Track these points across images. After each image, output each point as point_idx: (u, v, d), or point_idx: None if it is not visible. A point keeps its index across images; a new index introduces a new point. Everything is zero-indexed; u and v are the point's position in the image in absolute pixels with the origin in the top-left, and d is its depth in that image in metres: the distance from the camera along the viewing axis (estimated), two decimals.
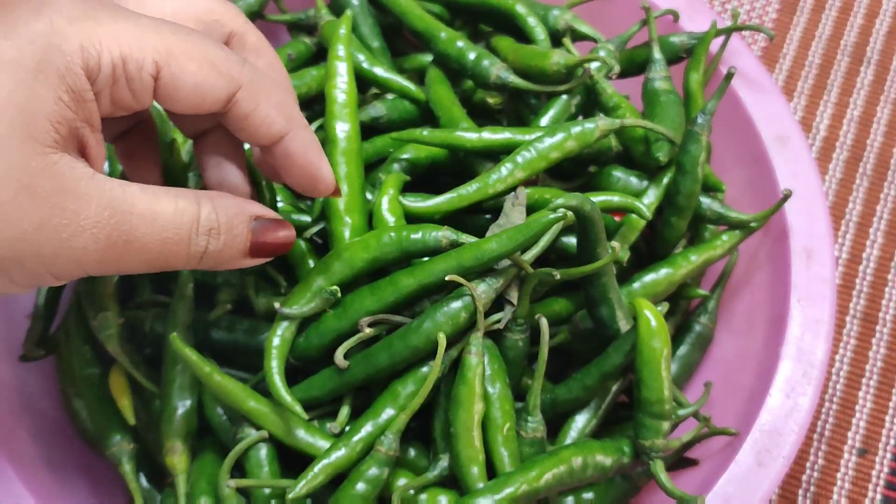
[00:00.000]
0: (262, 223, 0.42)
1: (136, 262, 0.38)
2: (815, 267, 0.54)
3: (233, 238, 0.40)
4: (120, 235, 0.36)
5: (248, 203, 0.42)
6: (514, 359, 0.48)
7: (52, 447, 0.53)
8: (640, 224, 0.54)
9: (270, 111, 0.41)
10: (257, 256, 0.42)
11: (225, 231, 0.40)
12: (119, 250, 0.37)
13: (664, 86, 0.57)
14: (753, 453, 0.49)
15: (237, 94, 0.40)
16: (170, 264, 0.39)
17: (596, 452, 0.47)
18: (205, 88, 0.39)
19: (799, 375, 0.50)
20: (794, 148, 0.57)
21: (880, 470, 0.63)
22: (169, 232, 0.38)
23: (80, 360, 0.54)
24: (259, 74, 0.41)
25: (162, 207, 0.38)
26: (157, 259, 0.38)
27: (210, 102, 0.39)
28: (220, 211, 0.40)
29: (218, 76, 0.39)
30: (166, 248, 0.38)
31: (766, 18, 0.79)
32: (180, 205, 0.38)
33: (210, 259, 0.40)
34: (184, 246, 0.39)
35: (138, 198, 0.37)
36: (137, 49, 0.37)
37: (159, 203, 0.38)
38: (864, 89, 0.76)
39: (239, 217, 0.41)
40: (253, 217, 0.41)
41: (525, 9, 0.58)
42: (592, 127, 0.51)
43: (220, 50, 0.40)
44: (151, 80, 0.38)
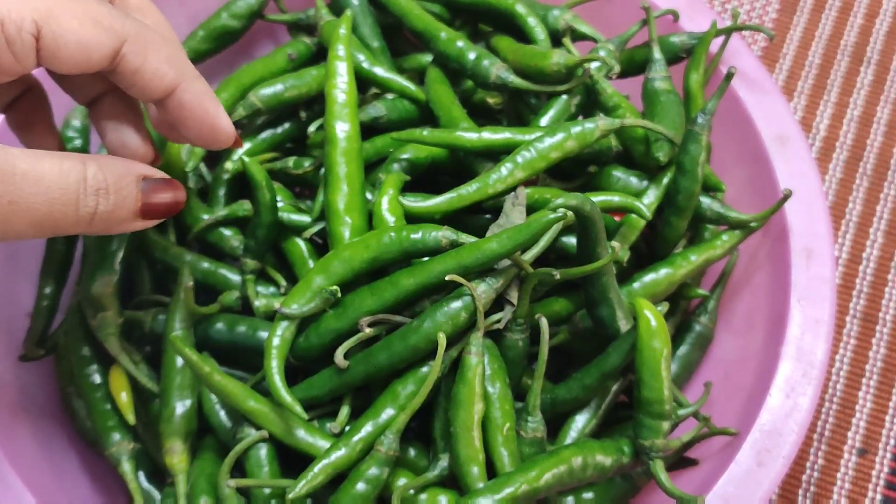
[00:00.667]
0: (151, 183, 0.41)
1: (23, 224, 0.37)
2: (815, 267, 0.54)
3: (122, 198, 0.40)
4: (3, 196, 0.36)
5: (135, 163, 0.41)
6: (514, 359, 0.48)
7: (52, 447, 0.53)
8: (639, 224, 0.54)
9: (160, 64, 0.41)
10: (148, 217, 0.41)
11: (114, 191, 0.39)
12: (3, 211, 0.36)
13: (664, 86, 0.57)
14: (753, 453, 0.49)
15: (123, 48, 0.39)
16: (60, 227, 0.38)
17: (596, 452, 0.47)
18: (89, 45, 0.38)
19: (799, 375, 0.50)
20: (795, 148, 0.57)
21: (880, 470, 0.63)
22: (55, 192, 0.37)
23: (79, 359, 0.54)
24: (145, 28, 0.41)
25: (46, 168, 0.37)
26: (46, 221, 0.37)
27: (96, 59, 0.39)
28: (107, 171, 0.39)
29: (101, 31, 0.39)
30: (54, 209, 0.37)
31: (766, 18, 0.79)
32: (65, 165, 0.38)
33: (101, 221, 0.39)
34: (72, 207, 0.38)
35: (20, 159, 0.37)
36: (15, 10, 0.37)
37: (43, 164, 0.37)
38: (864, 89, 0.76)
39: (127, 177, 0.40)
40: (140, 177, 0.41)
41: (525, 9, 0.58)
42: (592, 127, 0.51)
43: (102, 5, 0.39)
44: (33, 41, 0.37)
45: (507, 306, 0.48)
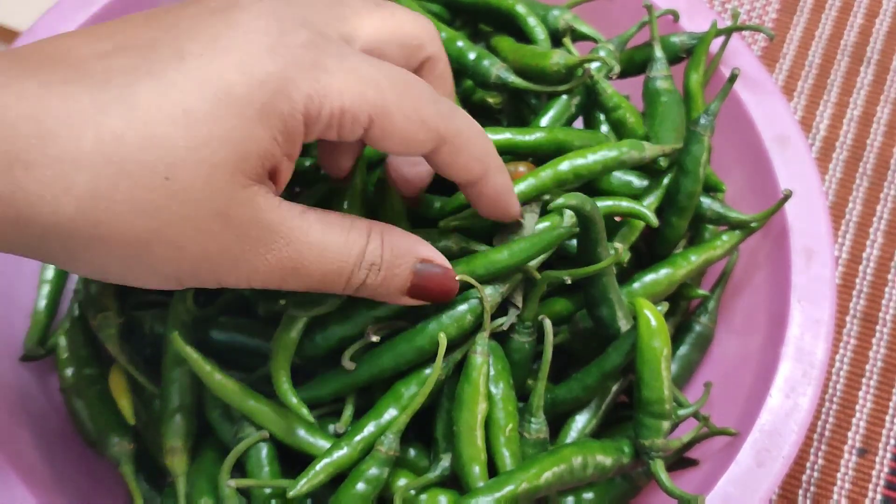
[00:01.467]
0: (427, 267, 0.42)
1: (295, 285, 0.39)
2: (816, 267, 0.54)
3: (392, 277, 0.41)
4: (289, 262, 0.38)
5: (420, 244, 0.42)
6: (520, 361, 0.49)
7: (52, 447, 0.53)
8: (639, 224, 0.54)
9: (469, 161, 0.42)
10: (416, 298, 0.43)
11: (386, 268, 0.41)
12: (283, 275, 0.38)
13: (665, 85, 0.57)
14: (753, 453, 0.49)
15: (441, 148, 0.41)
16: (328, 289, 0.40)
17: (596, 452, 0.47)
18: (411, 143, 0.40)
19: (799, 375, 0.51)
20: (794, 148, 0.57)
21: (880, 470, 0.63)
22: (334, 265, 0.39)
23: (80, 359, 0.54)
24: (464, 128, 0.42)
25: (332, 239, 0.39)
26: (316, 285, 0.39)
27: (413, 152, 0.41)
28: (387, 248, 0.41)
29: (426, 132, 0.40)
30: (327, 277, 0.39)
31: (766, 18, 0.79)
32: (351, 237, 0.39)
33: (366, 290, 0.41)
34: (344, 277, 0.40)
35: (313, 227, 0.38)
36: (358, 104, 0.38)
37: (331, 234, 0.39)
38: (864, 89, 0.76)
39: (404, 257, 0.41)
40: (419, 259, 0.42)
41: (525, 9, 0.58)
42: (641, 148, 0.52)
43: (432, 103, 0.40)
44: (362, 131, 0.39)
45: (512, 309, 0.48)
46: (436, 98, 0.41)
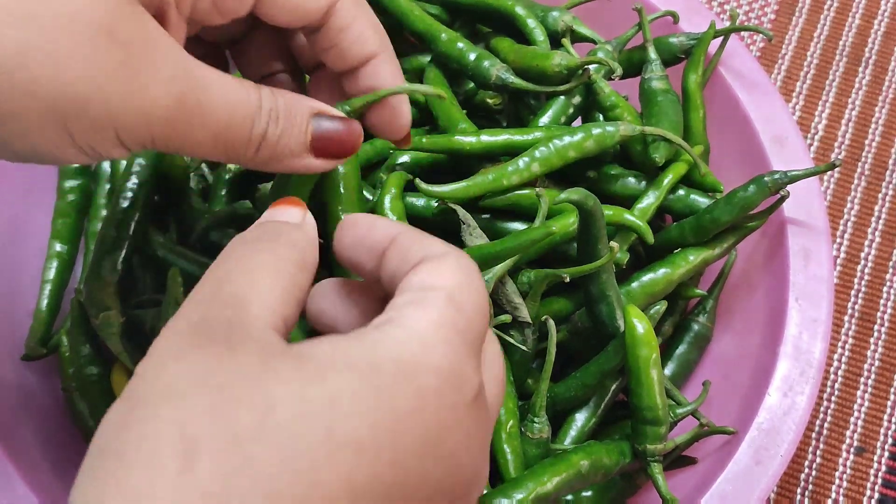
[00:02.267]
0: (325, 119, 0.39)
1: (203, 131, 0.35)
2: (813, 267, 0.54)
3: (291, 126, 0.38)
4: (192, 93, 0.34)
5: (309, 99, 0.39)
6: (521, 360, 0.49)
7: (54, 447, 0.54)
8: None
9: (366, 29, 0.39)
10: (321, 156, 0.39)
11: (284, 118, 0.38)
12: (189, 111, 0.34)
13: (661, 85, 0.57)
14: (751, 452, 0.49)
15: (338, 4, 0.38)
16: (233, 145, 0.37)
17: (602, 455, 0.47)
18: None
19: (797, 374, 0.51)
20: (793, 148, 0.57)
21: (878, 468, 0.63)
22: (236, 102, 0.36)
23: (81, 359, 0.54)
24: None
25: (228, 80, 0.36)
26: (224, 133, 0.36)
27: (313, 8, 0.38)
28: (278, 96, 0.38)
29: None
30: (233, 120, 0.36)
31: (764, 19, 0.79)
32: (244, 84, 0.37)
33: (268, 147, 0.38)
34: (248, 122, 0.37)
35: (208, 68, 0.36)
36: None
37: (225, 77, 0.36)
38: (861, 90, 0.76)
39: (298, 106, 0.38)
40: (314, 111, 0.39)
41: (524, 10, 0.58)
42: (613, 130, 0.52)
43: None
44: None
45: (510, 308, 0.48)
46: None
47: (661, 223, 0.59)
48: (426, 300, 0.31)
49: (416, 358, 0.29)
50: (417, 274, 0.32)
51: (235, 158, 0.37)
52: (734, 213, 0.52)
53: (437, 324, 0.30)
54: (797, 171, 0.52)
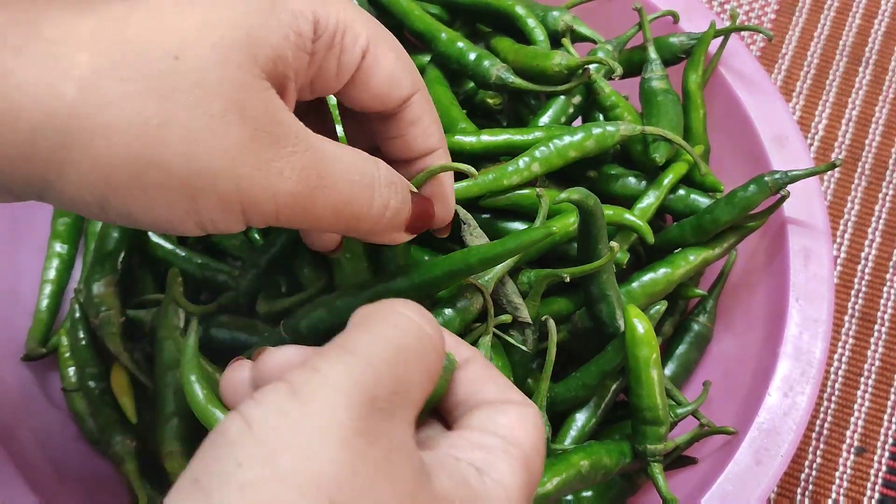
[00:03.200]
0: (417, 195, 0.41)
1: (326, 206, 0.36)
2: (814, 266, 0.54)
3: (403, 200, 0.39)
4: (314, 168, 0.35)
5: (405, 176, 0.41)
6: (521, 360, 0.49)
7: (54, 447, 0.54)
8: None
9: (432, 123, 0.41)
10: (411, 230, 0.40)
11: (401, 189, 0.39)
12: (312, 185, 0.35)
13: (661, 85, 0.57)
14: (752, 452, 0.49)
15: (414, 97, 0.40)
16: (356, 218, 0.37)
17: (602, 456, 0.47)
18: (396, 81, 0.39)
19: (797, 374, 0.51)
20: (793, 148, 0.57)
21: (878, 469, 0.63)
22: (356, 174, 0.37)
23: (81, 359, 0.54)
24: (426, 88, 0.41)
25: (347, 151, 0.37)
26: (346, 207, 0.36)
27: (395, 96, 0.39)
28: (392, 170, 0.39)
29: (407, 73, 0.39)
30: (354, 192, 0.36)
31: (764, 19, 0.79)
32: (360, 153, 0.38)
33: (389, 217, 0.38)
34: (369, 193, 0.37)
35: (326, 139, 0.36)
36: (357, 23, 0.37)
37: (342, 148, 0.37)
38: (862, 90, 0.76)
39: (403, 182, 0.39)
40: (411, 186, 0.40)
41: (525, 10, 0.58)
42: (613, 130, 0.52)
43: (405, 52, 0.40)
44: (360, 56, 0.37)
45: (510, 308, 0.48)
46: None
47: (661, 223, 0.59)
48: (512, 456, 0.32)
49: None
50: (505, 415, 0.33)
51: (354, 231, 0.38)
52: (734, 212, 0.52)
53: (521, 486, 0.32)
54: (797, 171, 0.52)
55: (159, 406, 0.50)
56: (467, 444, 0.32)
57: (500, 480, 0.31)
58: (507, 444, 0.32)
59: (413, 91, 0.40)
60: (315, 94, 0.39)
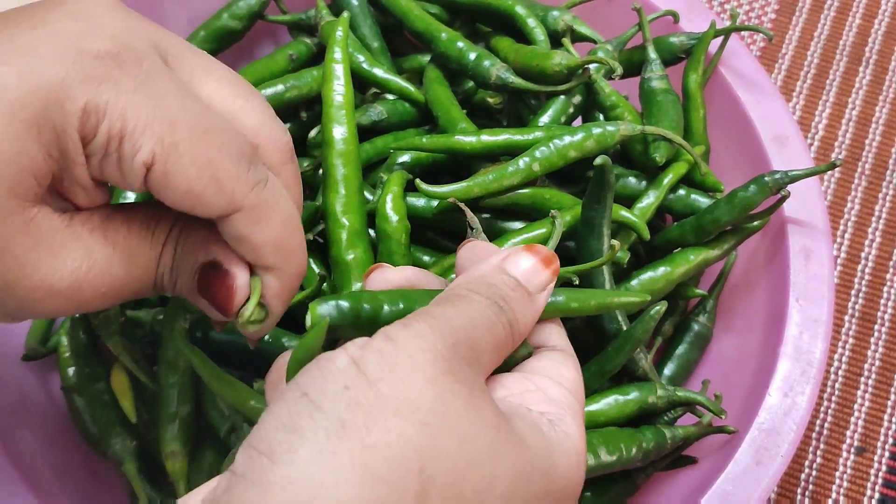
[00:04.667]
0: (211, 269, 0.38)
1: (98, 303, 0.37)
2: (814, 266, 0.54)
3: (181, 273, 0.38)
4: (88, 283, 0.35)
5: (214, 243, 0.38)
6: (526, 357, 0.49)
7: (54, 447, 0.54)
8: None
9: (265, 245, 0.37)
10: (207, 303, 0.38)
11: (177, 265, 0.38)
12: (82, 297, 0.36)
13: (661, 85, 0.57)
14: (752, 452, 0.49)
15: (232, 216, 0.36)
16: (140, 295, 0.38)
17: (620, 440, 0.47)
18: (197, 199, 0.35)
19: (797, 374, 0.51)
20: (793, 148, 0.57)
21: (878, 468, 0.63)
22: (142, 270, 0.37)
23: (81, 358, 0.54)
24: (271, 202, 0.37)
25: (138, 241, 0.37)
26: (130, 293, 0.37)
27: (200, 213, 0.36)
28: (180, 244, 0.38)
29: (216, 192, 0.35)
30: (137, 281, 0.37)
31: (764, 19, 0.79)
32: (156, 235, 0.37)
33: (168, 290, 0.39)
34: (152, 276, 0.38)
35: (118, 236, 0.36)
36: (139, 131, 0.33)
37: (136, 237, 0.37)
38: (862, 89, 0.76)
39: (192, 254, 0.38)
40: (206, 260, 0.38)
41: (525, 10, 0.58)
42: (613, 130, 0.52)
43: (234, 164, 0.35)
44: (143, 169, 0.34)
45: None
46: (251, 161, 0.36)
47: (661, 223, 0.59)
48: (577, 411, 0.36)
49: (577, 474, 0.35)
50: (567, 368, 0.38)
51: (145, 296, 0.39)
52: (735, 213, 0.52)
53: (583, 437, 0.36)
54: (798, 171, 0.52)
55: (161, 406, 0.50)
56: (538, 397, 0.36)
57: (568, 433, 0.34)
58: (573, 399, 0.36)
59: (225, 211, 0.35)
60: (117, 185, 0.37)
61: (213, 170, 0.35)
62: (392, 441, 0.28)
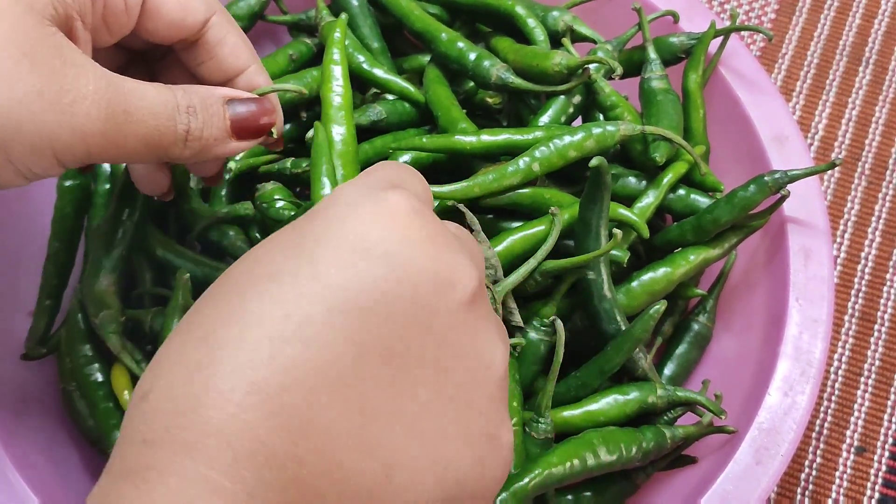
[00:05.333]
0: (237, 101, 0.42)
1: (135, 138, 0.38)
2: (814, 266, 0.54)
3: (210, 116, 0.41)
4: (118, 105, 0.37)
5: (218, 88, 0.42)
6: (531, 358, 0.49)
7: (54, 446, 0.54)
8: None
9: (238, 42, 0.43)
10: (242, 137, 0.42)
11: (201, 109, 0.40)
12: (119, 121, 0.37)
13: (661, 85, 0.57)
14: (752, 451, 0.49)
15: (212, 19, 0.42)
16: (164, 145, 0.39)
17: (619, 439, 0.48)
18: (187, 6, 0.41)
19: (797, 374, 0.51)
20: (793, 148, 0.57)
21: (878, 468, 0.63)
22: (158, 106, 0.39)
23: (81, 358, 0.54)
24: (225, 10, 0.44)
25: (146, 86, 0.39)
26: (153, 136, 0.38)
27: (190, 21, 0.41)
28: (191, 92, 0.40)
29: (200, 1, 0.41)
30: (159, 122, 0.38)
31: (764, 19, 0.79)
32: (158, 87, 0.39)
33: (195, 141, 0.40)
34: (172, 122, 0.39)
35: (125, 79, 0.38)
36: None
37: (142, 84, 0.39)
38: (862, 89, 0.76)
39: (210, 98, 0.41)
40: (225, 98, 0.42)
41: (525, 10, 0.58)
42: (613, 130, 0.52)
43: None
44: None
45: (505, 311, 0.48)
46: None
47: (661, 223, 0.59)
48: None
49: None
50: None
51: (169, 157, 0.40)
52: (735, 212, 0.52)
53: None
54: (797, 171, 0.52)
55: None
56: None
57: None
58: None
59: (209, 13, 0.42)
60: (114, 34, 0.40)
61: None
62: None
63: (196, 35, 0.42)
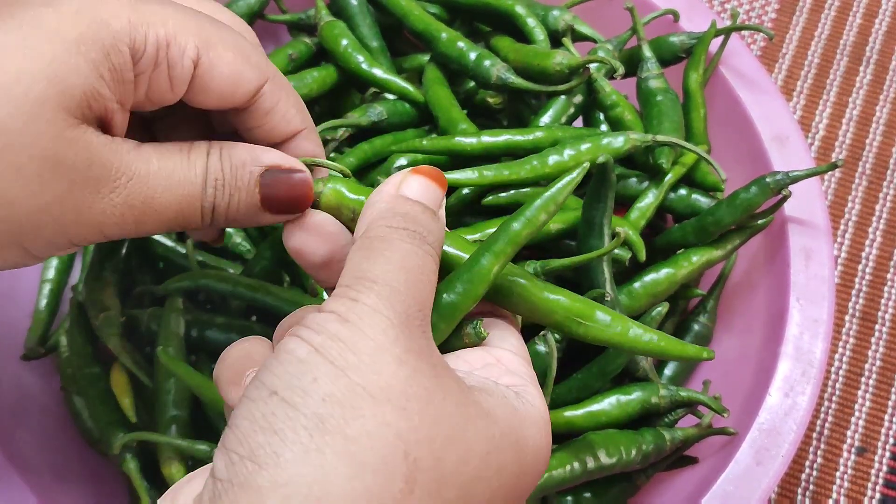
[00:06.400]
0: (274, 174, 0.38)
1: (155, 223, 0.36)
2: (814, 266, 0.54)
3: (237, 190, 0.38)
4: (137, 197, 0.35)
5: (264, 151, 0.39)
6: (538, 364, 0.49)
7: (53, 447, 0.54)
8: (639, 224, 0.54)
9: (290, 108, 0.40)
10: (274, 212, 0.38)
11: (229, 180, 0.38)
12: (137, 212, 0.36)
13: (659, 84, 0.57)
14: (752, 452, 0.49)
15: (264, 87, 0.39)
16: (188, 222, 0.37)
17: (619, 441, 0.47)
18: (240, 78, 0.38)
19: (798, 374, 0.51)
20: (793, 148, 0.57)
21: (879, 469, 0.63)
22: (184, 188, 0.36)
23: (81, 358, 0.54)
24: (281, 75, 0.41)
25: (175, 162, 0.37)
26: (176, 219, 0.37)
27: (241, 94, 0.38)
28: (225, 160, 0.38)
29: (251, 67, 0.38)
30: (183, 204, 0.37)
31: (765, 18, 0.79)
32: (192, 156, 0.37)
33: (221, 215, 0.38)
34: (197, 200, 0.37)
35: (152, 156, 0.36)
36: (181, 33, 0.36)
37: (172, 158, 0.37)
38: (862, 89, 0.76)
39: (245, 167, 0.38)
40: (263, 167, 0.38)
41: (525, 9, 0.58)
42: (622, 141, 0.52)
43: (249, 43, 0.39)
44: (191, 67, 0.37)
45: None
46: (254, 42, 0.41)
47: (661, 224, 0.59)
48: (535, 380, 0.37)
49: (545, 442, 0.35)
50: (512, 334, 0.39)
51: (192, 231, 0.39)
52: (737, 214, 0.52)
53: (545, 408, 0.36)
54: (799, 172, 0.52)
55: (158, 411, 0.50)
56: (500, 370, 0.36)
57: (534, 404, 0.35)
58: (529, 368, 0.37)
59: (261, 82, 0.39)
60: (156, 105, 0.38)
61: (241, 50, 0.38)
62: (373, 429, 0.28)
63: (247, 104, 0.39)
